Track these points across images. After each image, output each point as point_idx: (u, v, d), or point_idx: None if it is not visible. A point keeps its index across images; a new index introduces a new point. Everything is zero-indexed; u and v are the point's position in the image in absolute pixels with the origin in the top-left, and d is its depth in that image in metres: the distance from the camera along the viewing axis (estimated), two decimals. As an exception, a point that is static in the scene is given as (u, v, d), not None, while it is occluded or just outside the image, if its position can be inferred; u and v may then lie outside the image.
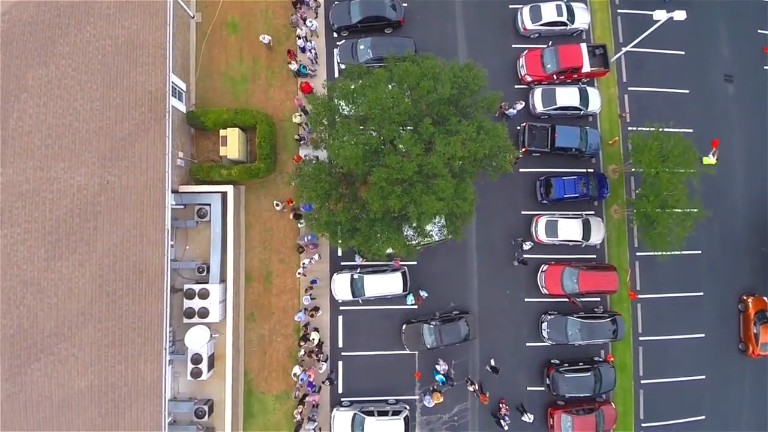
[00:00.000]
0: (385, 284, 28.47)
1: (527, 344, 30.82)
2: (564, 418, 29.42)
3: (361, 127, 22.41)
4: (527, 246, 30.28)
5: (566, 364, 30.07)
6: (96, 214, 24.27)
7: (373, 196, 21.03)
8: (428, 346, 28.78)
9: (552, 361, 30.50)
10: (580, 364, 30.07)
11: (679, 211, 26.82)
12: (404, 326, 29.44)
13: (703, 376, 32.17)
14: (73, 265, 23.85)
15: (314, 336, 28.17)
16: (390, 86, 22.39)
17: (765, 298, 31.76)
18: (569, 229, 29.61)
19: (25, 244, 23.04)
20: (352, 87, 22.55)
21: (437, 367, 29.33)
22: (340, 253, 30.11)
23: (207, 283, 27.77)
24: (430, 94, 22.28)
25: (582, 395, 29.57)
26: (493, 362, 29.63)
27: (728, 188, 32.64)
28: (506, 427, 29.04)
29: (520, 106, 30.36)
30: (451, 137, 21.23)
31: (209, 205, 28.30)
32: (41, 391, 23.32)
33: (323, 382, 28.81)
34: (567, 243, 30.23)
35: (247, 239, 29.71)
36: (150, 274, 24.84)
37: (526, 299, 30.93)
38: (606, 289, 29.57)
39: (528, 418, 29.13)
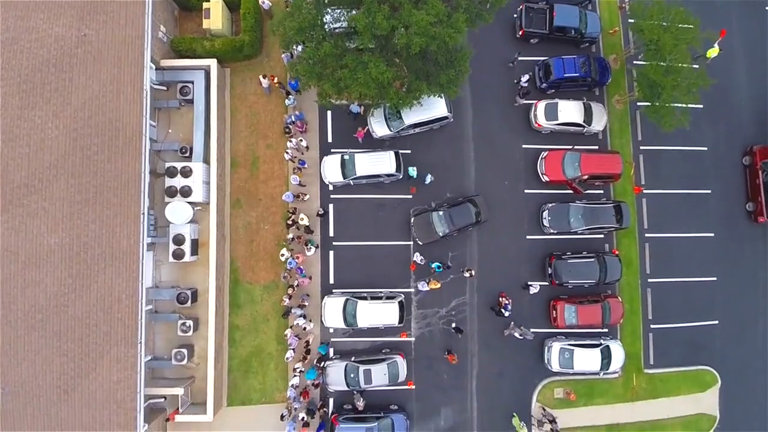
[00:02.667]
0: (378, 164, 27.05)
1: (527, 237, 29.31)
2: (567, 308, 27.86)
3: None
4: (525, 80, 28.54)
5: (569, 253, 28.48)
6: (72, 66, 23.21)
7: (359, 16, 19.80)
8: (440, 234, 27.31)
9: (554, 253, 28.90)
10: (584, 252, 28.49)
11: (684, 66, 25.50)
12: (413, 219, 27.99)
13: (714, 278, 30.51)
14: (46, 116, 22.72)
15: (303, 216, 26.66)
16: None
17: None
18: (570, 111, 28.32)
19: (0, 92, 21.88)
20: None
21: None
22: (329, 139, 28.75)
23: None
24: None
25: (586, 282, 27.91)
26: (455, 325, 27.97)
27: (733, 86, 31.35)
28: (507, 314, 27.31)
29: None
30: None
31: (192, 82, 27.16)
32: (7, 246, 21.93)
33: (317, 214, 27.50)
34: (567, 129, 28.83)
35: (233, 123, 28.46)
36: (127, 132, 23.58)
37: (526, 190, 29.51)
38: (609, 171, 28.14)
39: (534, 288, 27.84)
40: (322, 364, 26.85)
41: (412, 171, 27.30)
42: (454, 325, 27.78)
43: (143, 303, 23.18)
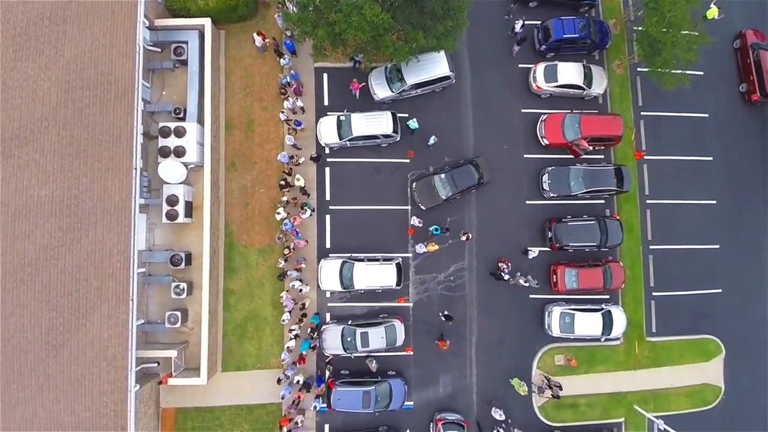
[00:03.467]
0: (375, 125, 26.63)
1: (527, 202, 28.87)
2: (568, 272, 27.38)
3: None
4: (519, 27, 28.11)
5: (569, 216, 28.04)
6: (66, 18, 22.95)
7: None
8: (444, 197, 26.88)
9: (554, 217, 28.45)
10: (584, 216, 28.04)
11: (684, 32, 25.14)
12: (414, 184, 27.54)
13: (717, 246, 30.03)
14: (39, 68, 22.44)
15: (298, 177, 26.25)
16: None
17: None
18: (569, 72, 27.95)
19: (-3, 44, 21.67)
20: None
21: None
22: (326, 102, 28.38)
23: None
24: None
25: (586, 246, 27.43)
26: (446, 312, 27.30)
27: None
28: (507, 277, 26.81)
29: None
30: None
31: (186, 42, 26.84)
32: (-3, 197, 21.42)
33: (310, 158, 27.05)
34: (567, 92, 28.46)
35: (228, 86, 28.10)
36: (119, 86, 23.21)
37: (525, 155, 29.08)
38: (610, 133, 27.71)
39: (533, 252, 27.39)
40: (315, 335, 26.30)
41: (413, 123, 26.82)
42: (445, 312, 27.14)
43: (135, 258, 22.73)
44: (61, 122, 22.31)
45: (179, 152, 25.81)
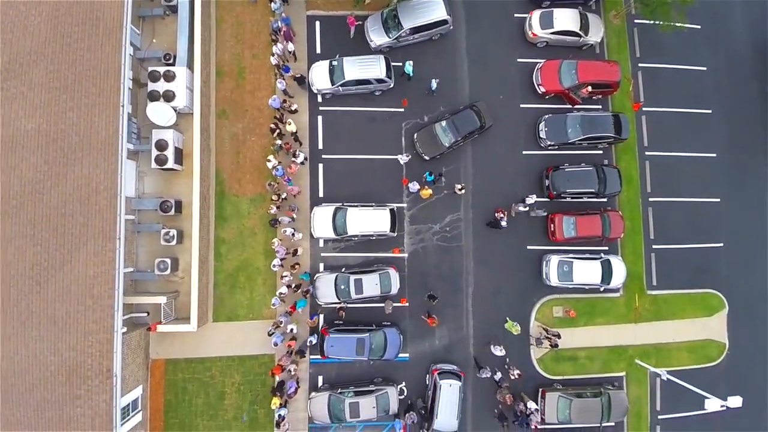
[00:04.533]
0: (368, 69, 26.23)
1: (524, 152, 28.39)
2: (566, 219, 26.87)
3: None
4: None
5: (566, 164, 27.56)
6: (55, -45, 22.54)
7: None
8: (447, 145, 26.41)
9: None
10: (582, 164, 27.55)
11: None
12: (415, 134, 27.06)
13: (718, 199, 29.51)
14: (31, 3, 22.16)
15: (289, 121, 25.81)
16: None
17: None
18: (565, 18, 27.56)
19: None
20: None
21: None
22: (318, 50, 28.01)
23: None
24: None
25: (584, 192, 26.92)
26: (430, 292, 26.75)
27: (731, 6, 30.79)
28: (504, 224, 26.27)
29: None
30: None
31: (177, -12, 26.49)
32: (-17, 128, 21.04)
33: (294, 78, 26.35)
34: (563, 39, 28.05)
35: (219, 33, 27.72)
36: (107, 23, 22.90)
37: (522, 105, 28.62)
38: (607, 79, 27.26)
39: (531, 200, 26.57)
40: (307, 289, 25.80)
41: (408, 67, 26.38)
42: (430, 292, 26.59)
43: (122, 194, 22.25)
44: (50, 57, 22.02)
45: (168, 97, 25.46)
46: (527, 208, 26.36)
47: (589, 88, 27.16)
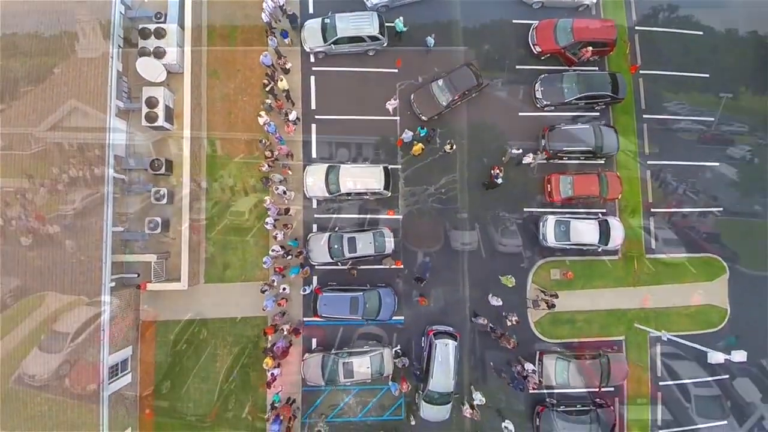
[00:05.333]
0: (360, 26, 25.84)
1: (519, 114, 27.98)
2: (563, 179, 26.45)
3: None
4: None
5: (563, 123, 27.19)
6: None
7: None
8: (444, 104, 26.01)
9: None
10: (578, 123, 27.17)
11: None
12: (412, 95, 26.63)
13: (717, 163, 29.15)
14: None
15: (281, 77, 25.42)
16: None
17: None
18: (560, -23, 27.21)
19: None
20: None
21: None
22: (311, 10, 27.65)
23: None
24: None
25: (581, 151, 26.52)
26: (417, 275, 26.29)
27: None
28: (500, 181, 25.84)
29: None
30: None
31: (168, -54, 26.16)
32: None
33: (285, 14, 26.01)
34: (559, 0, 27.71)
35: (210, -6, 27.37)
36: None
37: (518, 66, 28.25)
38: (603, 37, 26.90)
39: (528, 158, 26.23)
40: (300, 251, 25.38)
41: (399, 24, 26.00)
42: (416, 275, 26.13)
43: (112, 109, 21.63)
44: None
45: (159, 53, 25.09)
46: (520, 150, 25.88)
47: (590, 49, 26.71)
